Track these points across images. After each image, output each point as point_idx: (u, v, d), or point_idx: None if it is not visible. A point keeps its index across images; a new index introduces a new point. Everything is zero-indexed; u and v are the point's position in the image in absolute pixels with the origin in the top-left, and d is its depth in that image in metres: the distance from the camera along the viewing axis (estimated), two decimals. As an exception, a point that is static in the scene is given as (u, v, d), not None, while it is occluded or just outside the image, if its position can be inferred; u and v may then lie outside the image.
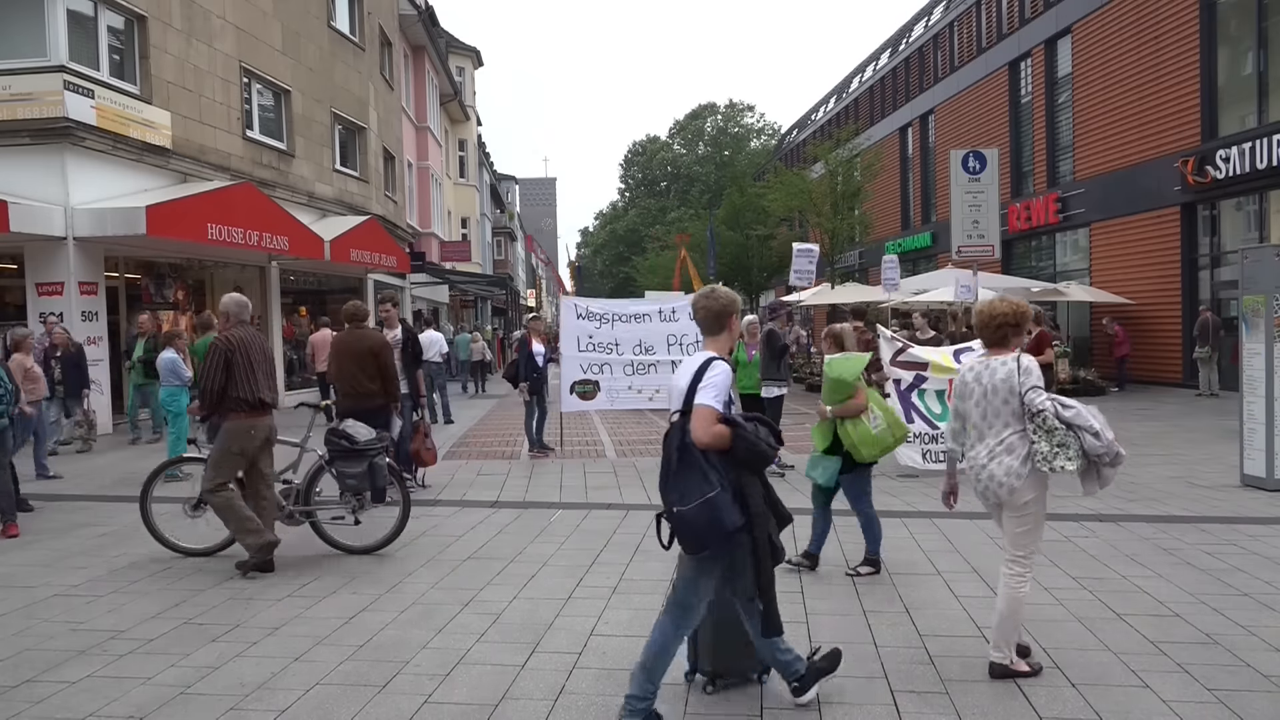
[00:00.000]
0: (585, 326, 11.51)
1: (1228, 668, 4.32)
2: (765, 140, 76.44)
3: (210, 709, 4.02)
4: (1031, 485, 4.12)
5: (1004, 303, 4.34)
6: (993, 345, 4.33)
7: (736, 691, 4.14)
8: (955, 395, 4.42)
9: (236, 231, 14.73)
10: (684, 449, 3.56)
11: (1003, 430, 4.16)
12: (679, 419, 3.64)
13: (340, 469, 6.54)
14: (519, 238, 77.54)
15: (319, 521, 6.78)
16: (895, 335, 10.08)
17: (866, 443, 5.67)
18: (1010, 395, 4.13)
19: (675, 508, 3.52)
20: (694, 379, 3.60)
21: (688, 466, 3.54)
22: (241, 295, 6.66)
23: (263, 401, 6.33)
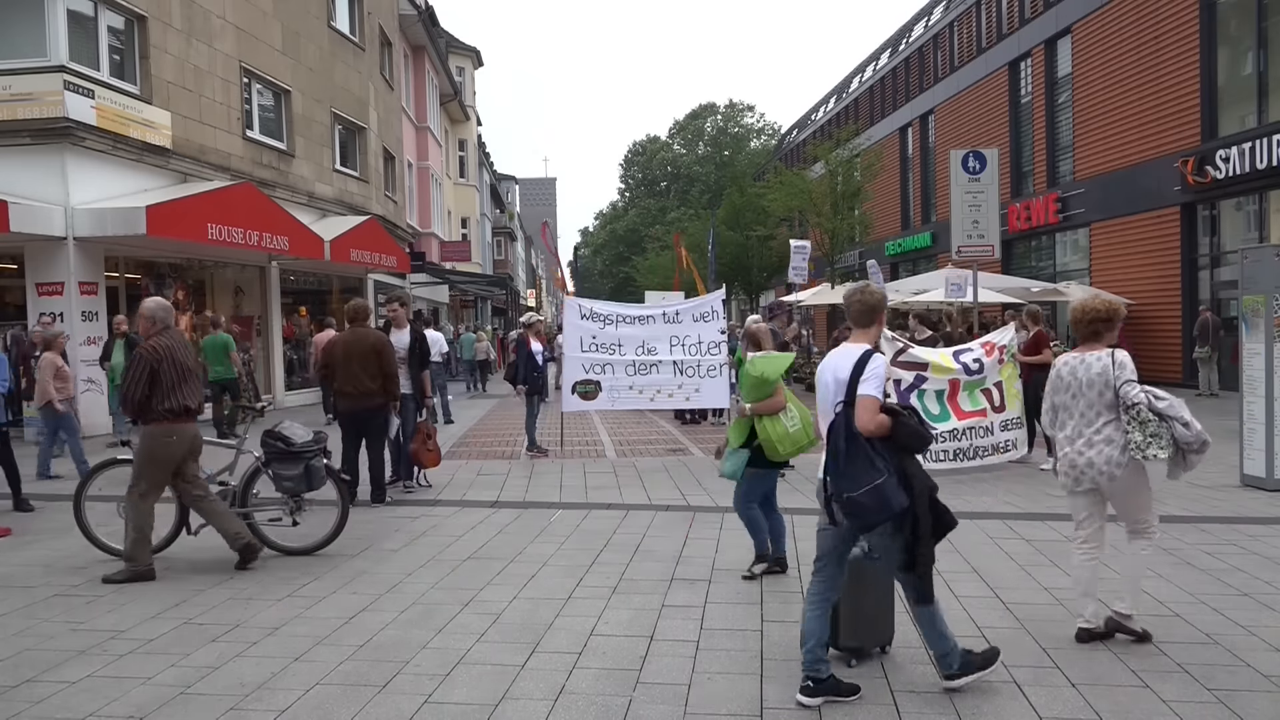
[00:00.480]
0: (589, 327, 11.52)
1: (1228, 668, 4.32)
2: (765, 140, 76.43)
3: (210, 709, 4.02)
4: (1130, 470, 4.46)
5: (1099, 300, 4.66)
6: (1086, 341, 4.63)
7: (868, 667, 4.34)
8: (1050, 388, 4.74)
9: (236, 231, 14.72)
10: (851, 438, 3.84)
11: (1096, 420, 4.48)
12: (843, 409, 3.89)
13: (276, 471, 6.51)
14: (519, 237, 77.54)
15: (256, 523, 6.73)
16: (896, 336, 10.08)
17: (782, 440, 5.71)
18: (1105, 388, 4.45)
19: (846, 494, 3.80)
20: (854, 371, 3.86)
21: (855, 454, 3.83)
22: (163, 299, 6.54)
23: (188, 408, 6.22)
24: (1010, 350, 9.83)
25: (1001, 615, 5.13)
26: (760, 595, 5.56)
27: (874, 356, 3.92)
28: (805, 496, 8.60)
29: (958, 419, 9.57)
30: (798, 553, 6.59)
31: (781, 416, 5.76)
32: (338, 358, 8.43)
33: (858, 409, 3.85)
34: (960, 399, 9.63)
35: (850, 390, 3.88)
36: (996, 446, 9.74)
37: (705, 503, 8.38)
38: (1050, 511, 7.72)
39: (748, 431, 5.87)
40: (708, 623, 5.07)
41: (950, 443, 9.52)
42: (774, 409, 5.76)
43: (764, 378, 5.78)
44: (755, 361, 5.92)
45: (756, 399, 5.79)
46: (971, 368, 9.60)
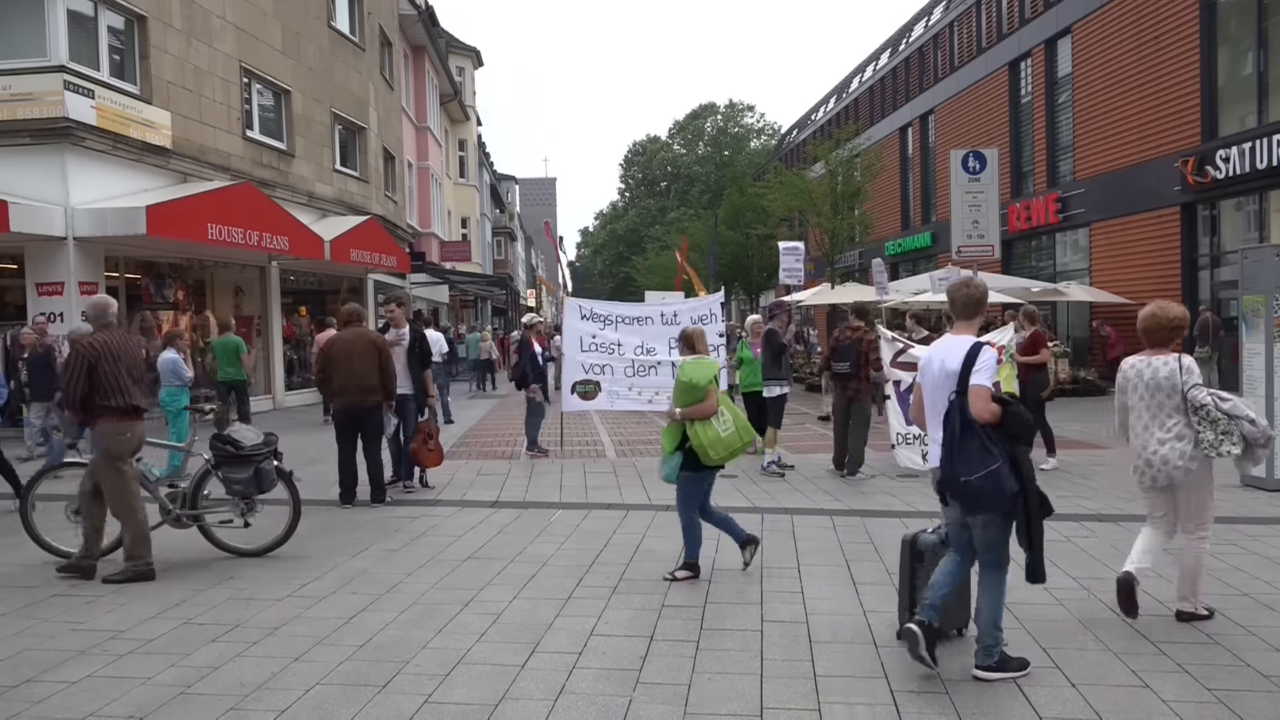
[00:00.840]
0: (588, 327, 11.53)
1: (1228, 668, 4.32)
2: (765, 140, 76.44)
3: (210, 709, 4.02)
4: (1201, 467, 4.78)
5: (1173, 309, 4.94)
6: (1156, 345, 4.92)
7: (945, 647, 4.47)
8: (1118, 390, 5.04)
9: (236, 231, 14.72)
10: (967, 425, 4.04)
11: (1167, 420, 4.80)
12: (956, 399, 4.08)
13: (226, 474, 6.49)
14: (519, 237, 77.54)
15: (207, 525, 6.73)
16: (896, 336, 10.08)
17: (714, 445, 5.74)
18: (1173, 391, 4.78)
19: (963, 478, 3.99)
20: (965, 363, 4.07)
21: (971, 441, 4.02)
22: (106, 297, 6.49)
23: (135, 406, 6.15)
24: (1009, 350, 9.83)
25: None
26: (760, 595, 5.56)
27: (984, 349, 4.11)
28: (805, 497, 8.61)
29: None
30: (798, 553, 6.60)
31: (714, 421, 5.79)
32: (337, 356, 8.43)
33: (972, 398, 4.04)
34: None
35: (962, 380, 4.08)
36: None
37: (705, 503, 8.37)
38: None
39: (680, 436, 5.88)
40: (708, 623, 5.07)
41: None
42: (705, 414, 5.78)
43: (693, 383, 5.81)
44: (684, 367, 5.97)
45: (686, 404, 5.82)
46: (971, 368, 9.60)
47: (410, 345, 9.21)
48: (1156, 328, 4.89)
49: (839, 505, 8.22)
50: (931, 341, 11.19)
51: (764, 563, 6.30)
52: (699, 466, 5.87)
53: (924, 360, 4.45)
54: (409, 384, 9.18)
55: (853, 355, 9.53)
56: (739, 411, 6.04)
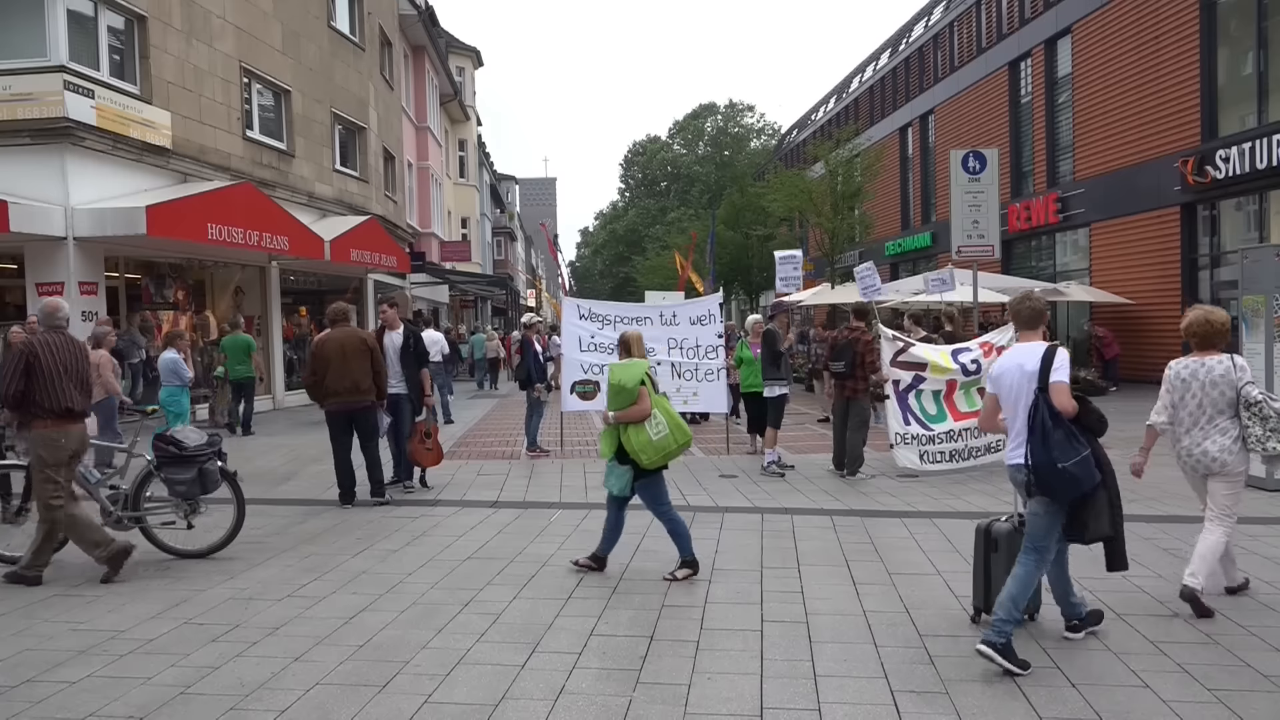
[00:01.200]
0: (587, 327, 11.52)
1: (1228, 668, 4.32)
2: (765, 140, 76.41)
3: (210, 709, 4.02)
4: (1240, 460, 5.14)
5: (1221, 312, 5.37)
6: (1206, 348, 5.27)
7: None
8: (1167, 389, 5.36)
9: (236, 231, 14.72)
10: (1055, 418, 4.38)
11: (1216, 416, 5.15)
12: (1039, 395, 4.43)
13: (169, 475, 6.44)
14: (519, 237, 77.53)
15: (149, 526, 6.67)
16: (897, 335, 10.07)
17: (646, 449, 5.71)
18: (1228, 388, 5.12)
19: (1060, 464, 4.29)
20: (1043, 364, 4.48)
21: (1060, 432, 4.36)
22: (58, 299, 6.43)
23: (70, 410, 6.03)
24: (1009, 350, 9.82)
25: (1001, 615, 5.12)
26: (760, 595, 5.56)
27: (1060, 350, 4.54)
28: (805, 497, 8.61)
29: (954, 420, 9.57)
30: (798, 553, 6.60)
31: (646, 425, 5.75)
32: (329, 357, 8.42)
33: (1054, 393, 4.40)
34: (957, 399, 9.63)
35: (1043, 378, 4.45)
36: (989, 446, 9.74)
37: (705, 503, 8.38)
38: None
39: (616, 441, 5.84)
40: (708, 623, 5.07)
41: (947, 444, 9.52)
42: (638, 417, 5.75)
43: (622, 385, 5.78)
44: (613, 369, 5.95)
45: (619, 407, 5.80)
46: (969, 368, 9.60)
47: (405, 345, 9.20)
48: (1211, 332, 5.26)
49: (839, 505, 8.22)
50: (930, 342, 11.24)
51: (764, 563, 6.31)
52: (650, 471, 5.86)
53: (996, 371, 4.83)
54: (402, 384, 9.17)
55: (849, 355, 9.53)
56: (674, 412, 5.99)
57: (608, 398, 5.92)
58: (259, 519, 8.06)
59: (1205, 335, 5.27)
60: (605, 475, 6.04)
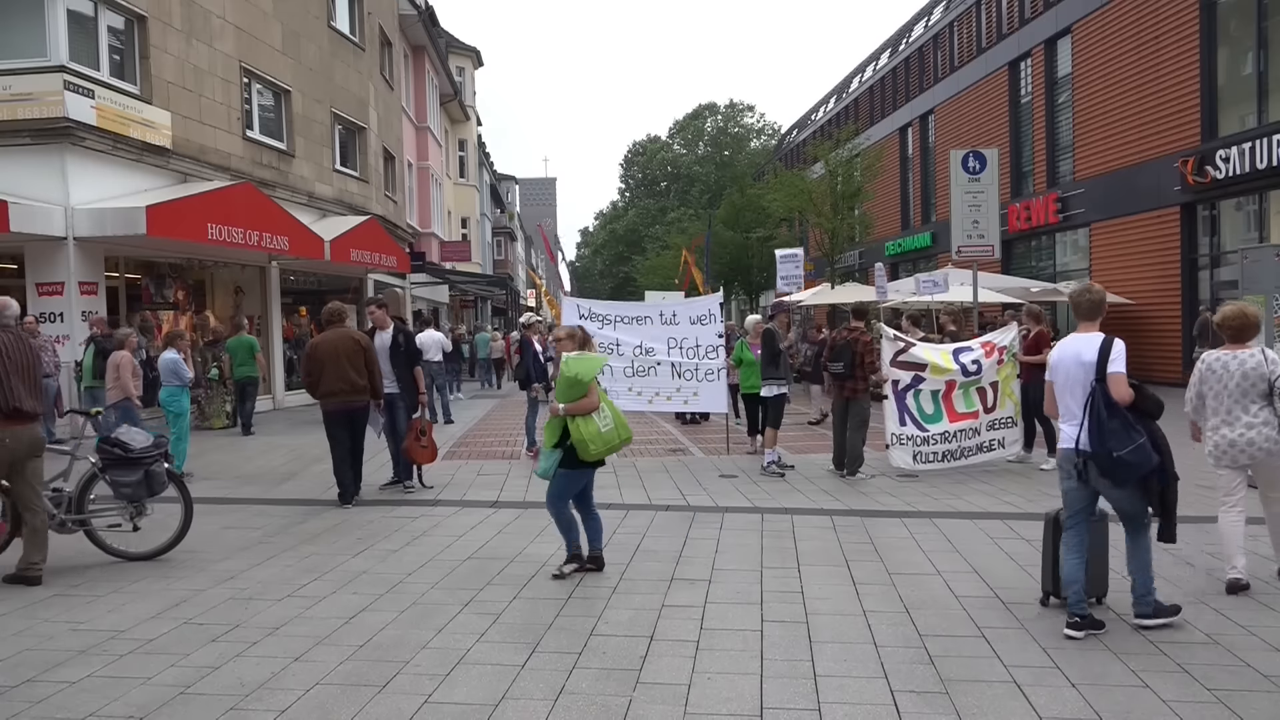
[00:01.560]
0: (588, 327, 11.49)
1: (1228, 668, 4.32)
2: (765, 140, 76.41)
3: (210, 709, 4.02)
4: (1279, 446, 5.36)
5: (1249, 309, 5.59)
6: (1237, 341, 5.49)
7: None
8: (1200, 380, 5.57)
9: (236, 231, 14.72)
10: (1112, 406, 4.62)
11: (1251, 406, 5.36)
12: (1097, 385, 4.67)
13: (114, 477, 6.36)
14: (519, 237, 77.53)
15: (94, 529, 6.59)
16: (898, 335, 10.07)
17: (594, 440, 5.82)
18: (1260, 380, 5.33)
19: (1115, 453, 4.55)
20: (1101, 354, 4.70)
21: (1114, 421, 4.59)
22: (6, 298, 6.31)
23: (19, 410, 5.91)
24: (1011, 350, 9.83)
25: (1001, 615, 5.13)
26: (760, 595, 5.56)
27: (1116, 342, 4.76)
28: (805, 497, 8.61)
29: (950, 421, 9.59)
30: (798, 553, 6.60)
31: (594, 417, 5.87)
32: (324, 358, 8.44)
33: (1112, 383, 4.64)
34: (955, 399, 9.64)
35: (1100, 369, 4.67)
36: (982, 446, 9.76)
37: (705, 503, 8.38)
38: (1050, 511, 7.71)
39: (561, 431, 5.93)
40: (708, 623, 5.07)
41: (940, 444, 9.54)
42: (587, 409, 5.86)
43: (578, 379, 5.86)
44: (569, 362, 5.98)
45: (569, 399, 5.88)
46: (969, 369, 9.60)
47: (394, 343, 9.19)
48: (1247, 326, 5.50)
49: (839, 505, 8.22)
50: (929, 342, 11.24)
51: (764, 563, 6.31)
52: (577, 464, 5.95)
53: (1054, 360, 5.02)
54: (394, 383, 9.17)
55: (848, 355, 9.53)
56: (618, 409, 6.16)
57: (558, 388, 5.99)
58: (259, 519, 8.07)
59: (1240, 328, 5.48)
60: (539, 462, 6.18)
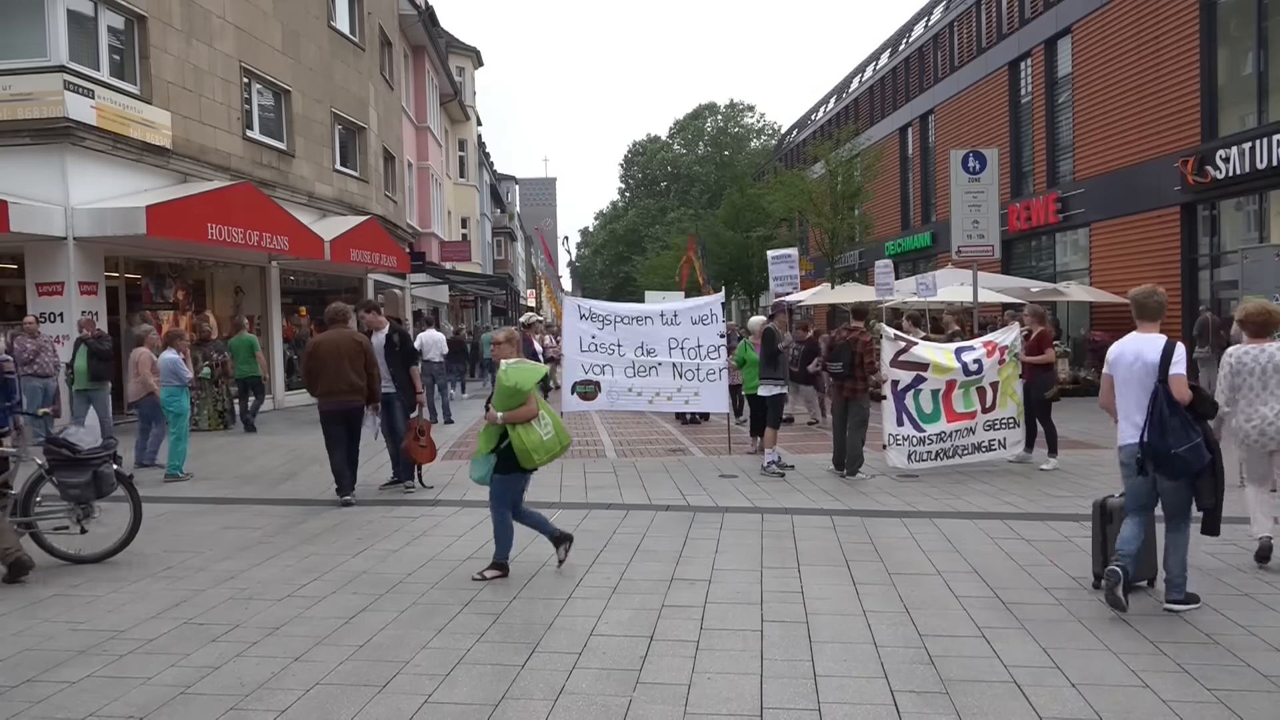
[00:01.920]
0: (588, 327, 11.52)
1: (1228, 668, 4.32)
2: (765, 140, 76.43)
3: (210, 709, 4.02)
4: None
5: (1272, 306, 6.04)
6: (1260, 337, 5.84)
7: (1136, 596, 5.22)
8: (1232, 373, 5.88)
9: (236, 231, 14.72)
10: (1174, 406, 4.91)
11: (1279, 391, 5.71)
12: (1159, 386, 4.97)
13: (62, 479, 6.27)
14: (519, 237, 77.51)
15: (40, 532, 6.49)
16: (899, 334, 10.06)
17: (537, 449, 5.81)
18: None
19: (1174, 450, 4.86)
20: (1163, 357, 5.00)
21: (1175, 419, 4.90)
22: None
23: None
24: (1013, 350, 9.82)
25: (1001, 615, 5.13)
26: (760, 595, 5.56)
27: (1178, 346, 5.06)
28: (805, 497, 8.61)
29: (948, 421, 9.59)
30: (798, 553, 6.60)
31: (534, 425, 5.85)
32: (325, 357, 8.47)
33: (1173, 384, 4.94)
34: (955, 399, 9.64)
35: (1163, 370, 4.97)
36: (979, 445, 9.74)
37: (705, 503, 8.38)
38: (1050, 511, 7.72)
39: (497, 439, 5.90)
40: (708, 623, 5.07)
41: (935, 444, 9.55)
42: (526, 417, 5.83)
43: (517, 388, 5.80)
44: (508, 371, 5.91)
45: (508, 408, 5.83)
46: (971, 368, 9.60)
47: (388, 343, 9.19)
48: (1270, 322, 5.84)
49: (839, 505, 8.22)
50: (931, 342, 11.25)
51: (764, 563, 6.31)
52: (513, 469, 5.94)
53: (1114, 356, 5.32)
54: (392, 383, 9.18)
55: (847, 355, 9.53)
56: (556, 415, 6.13)
57: (497, 397, 5.90)
58: (259, 519, 8.07)
59: (1264, 324, 5.82)
60: (472, 470, 6.13)
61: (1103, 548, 5.51)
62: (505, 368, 5.96)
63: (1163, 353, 5.00)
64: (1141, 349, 5.12)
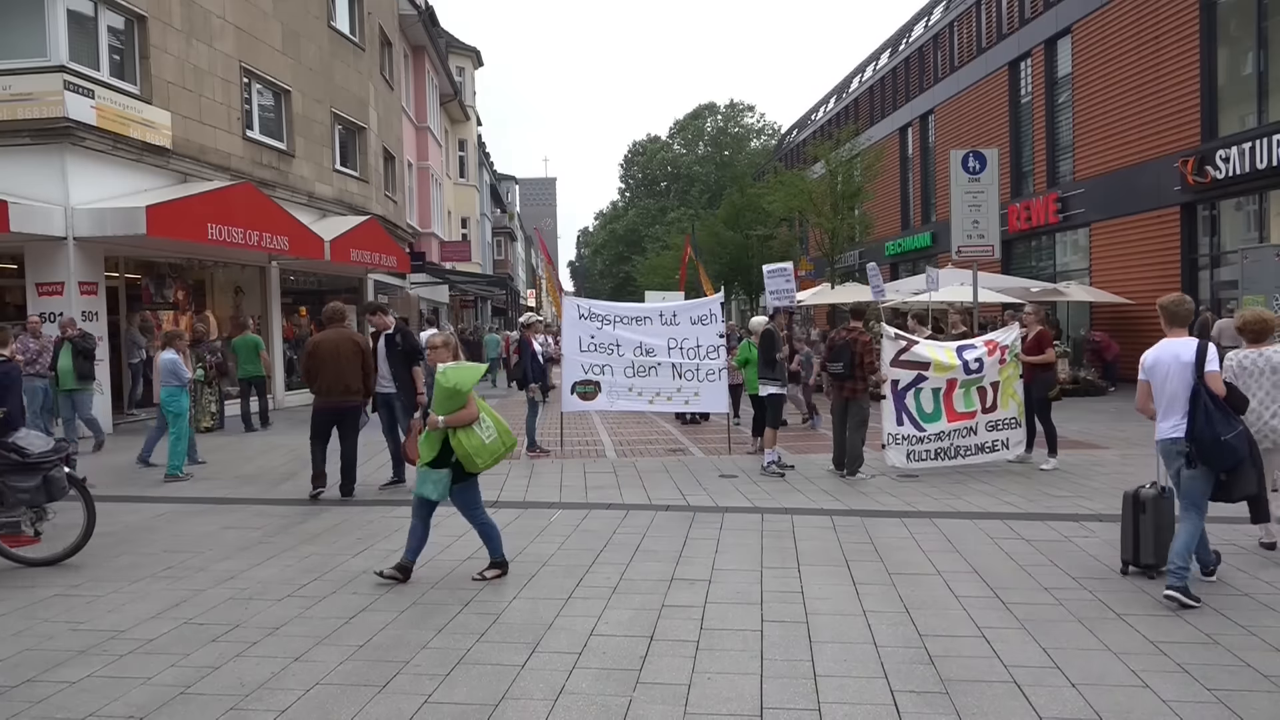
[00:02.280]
0: (587, 327, 11.52)
1: (1228, 668, 4.32)
2: (765, 140, 76.40)
3: (210, 709, 4.02)
4: None
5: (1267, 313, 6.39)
6: (1258, 343, 6.19)
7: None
8: (1234, 377, 6.08)
9: (236, 231, 14.72)
10: (1215, 398, 5.33)
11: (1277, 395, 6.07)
12: (1198, 382, 5.37)
13: (11, 483, 6.19)
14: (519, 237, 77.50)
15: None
16: (900, 334, 10.05)
17: (479, 452, 5.68)
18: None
19: (1223, 436, 5.23)
20: (1198, 357, 5.44)
21: (1219, 411, 5.29)
22: None
23: None
24: (1013, 350, 9.81)
25: (1001, 615, 5.13)
26: (760, 595, 5.56)
27: (1210, 345, 5.53)
28: (805, 496, 8.61)
29: (949, 421, 9.58)
30: (798, 553, 6.60)
31: (475, 428, 5.70)
32: (324, 357, 8.52)
33: (1209, 380, 5.37)
34: (955, 398, 9.63)
35: (1199, 368, 5.40)
36: (981, 446, 9.73)
37: (705, 503, 8.38)
38: (1050, 511, 7.72)
39: (440, 446, 5.71)
40: (708, 623, 5.07)
41: (934, 444, 9.54)
42: (467, 420, 5.68)
43: (457, 389, 5.64)
44: (447, 373, 5.73)
45: (448, 411, 5.67)
46: (972, 366, 9.60)
47: (391, 342, 9.18)
48: (1266, 330, 6.20)
49: (839, 505, 8.22)
50: (935, 339, 11.25)
51: (764, 563, 6.31)
52: (468, 475, 5.81)
53: (1151, 361, 5.68)
54: (392, 383, 9.18)
55: (846, 355, 9.53)
56: (498, 416, 5.95)
57: (436, 401, 5.72)
58: (259, 519, 8.07)
59: (1260, 331, 6.18)
60: (419, 483, 5.84)
61: (1134, 536, 5.81)
62: (444, 370, 5.80)
63: (1197, 353, 5.49)
64: (1178, 351, 5.59)
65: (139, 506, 8.58)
